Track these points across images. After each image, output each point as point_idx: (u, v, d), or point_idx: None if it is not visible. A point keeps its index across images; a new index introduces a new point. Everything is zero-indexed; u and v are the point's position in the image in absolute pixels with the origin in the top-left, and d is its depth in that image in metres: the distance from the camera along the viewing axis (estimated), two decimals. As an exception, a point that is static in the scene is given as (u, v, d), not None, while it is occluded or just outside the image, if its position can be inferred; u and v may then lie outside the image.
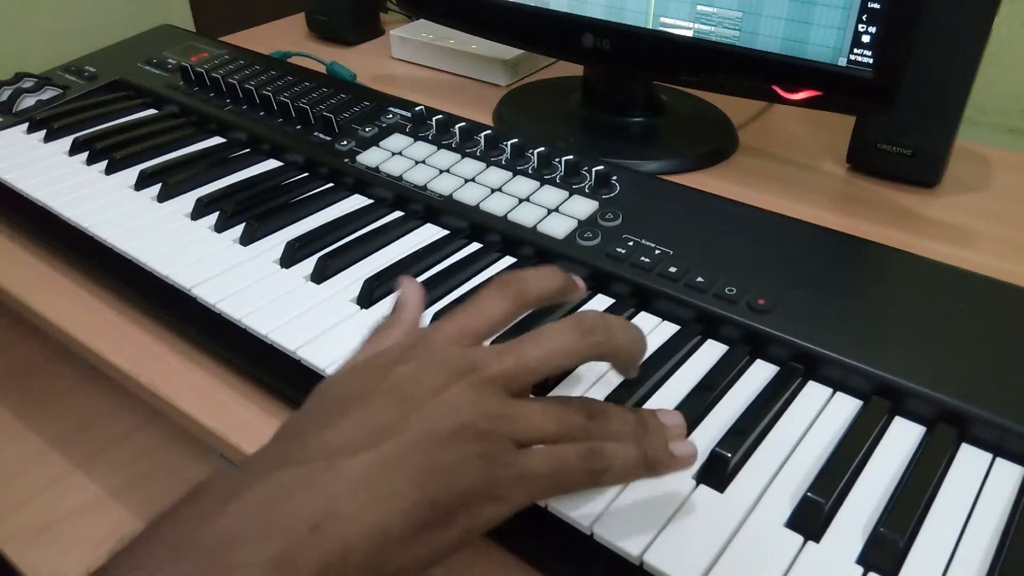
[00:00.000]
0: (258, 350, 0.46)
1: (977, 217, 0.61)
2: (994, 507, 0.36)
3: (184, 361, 0.48)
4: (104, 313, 0.53)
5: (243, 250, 0.54)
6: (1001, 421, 0.38)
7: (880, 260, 0.50)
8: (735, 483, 0.37)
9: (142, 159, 0.64)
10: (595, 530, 0.34)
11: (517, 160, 0.60)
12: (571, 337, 0.34)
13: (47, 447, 0.63)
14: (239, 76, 0.75)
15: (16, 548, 0.55)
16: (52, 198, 0.59)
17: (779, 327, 0.44)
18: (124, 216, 0.57)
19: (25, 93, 0.74)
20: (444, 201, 0.56)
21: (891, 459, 0.38)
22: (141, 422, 0.64)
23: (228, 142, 0.68)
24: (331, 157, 0.62)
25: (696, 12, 0.61)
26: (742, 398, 0.41)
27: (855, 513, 0.35)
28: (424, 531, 0.29)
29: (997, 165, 0.69)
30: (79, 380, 0.68)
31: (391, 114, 0.67)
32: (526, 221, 0.53)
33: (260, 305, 0.48)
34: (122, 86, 0.78)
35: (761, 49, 0.59)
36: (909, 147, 0.63)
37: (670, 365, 0.43)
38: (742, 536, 0.34)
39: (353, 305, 0.48)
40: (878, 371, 0.41)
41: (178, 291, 0.50)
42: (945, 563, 0.33)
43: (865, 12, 0.54)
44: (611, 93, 0.74)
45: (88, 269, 0.55)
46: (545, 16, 0.69)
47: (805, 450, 0.38)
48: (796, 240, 0.51)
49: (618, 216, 0.53)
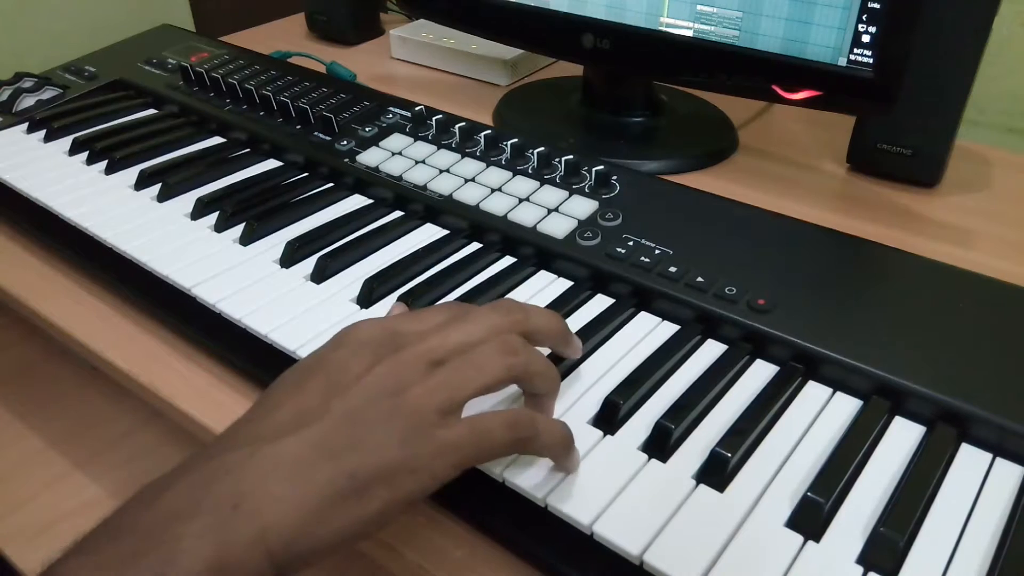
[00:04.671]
0: (258, 350, 0.46)
1: (977, 217, 0.61)
2: (994, 507, 0.36)
3: (184, 361, 0.48)
4: (104, 313, 0.53)
5: (243, 250, 0.54)
6: (1001, 421, 0.38)
7: (880, 260, 0.50)
8: (735, 483, 0.37)
9: (142, 159, 0.64)
10: (595, 529, 0.34)
11: (517, 160, 0.60)
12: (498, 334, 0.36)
13: (47, 447, 0.63)
14: (239, 76, 0.75)
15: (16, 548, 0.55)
16: (52, 198, 0.59)
17: (779, 327, 0.44)
18: (124, 216, 0.57)
19: (25, 93, 0.74)
20: (444, 201, 0.56)
21: (891, 459, 0.38)
22: (141, 422, 0.64)
23: (228, 142, 0.68)
24: (331, 157, 0.62)
25: (696, 12, 0.61)
26: (742, 398, 0.41)
27: (855, 513, 0.35)
28: (342, 503, 0.30)
29: (997, 165, 0.69)
30: (79, 380, 0.68)
31: (391, 114, 0.67)
32: (526, 221, 0.53)
33: (260, 305, 0.48)
34: (122, 86, 0.78)
35: (761, 49, 0.59)
36: (909, 147, 0.63)
37: (670, 365, 0.43)
38: (742, 536, 0.34)
39: (353, 305, 0.48)
40: (878, 371, 0.41)
41: (178, 291, 0.50)
42: (945, 563, 0.33)
43: (865, 12, 0.54)
44: (611, 93, 0.74)
45: (88, 269, 0.55)
46: (545, 16, 0.69)
47: (805, 450, 0.38)
48: (796, 240, 0.51)
49: (618, 216, 0.53)
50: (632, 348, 0.45)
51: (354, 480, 0.30)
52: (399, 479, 0.31)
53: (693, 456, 0.38)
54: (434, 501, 0.38)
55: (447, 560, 0.37)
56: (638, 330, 0.46)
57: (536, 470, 0.37)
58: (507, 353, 0.35)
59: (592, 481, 0.36)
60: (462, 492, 0.37)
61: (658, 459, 0.38)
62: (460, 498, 0.38)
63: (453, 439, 0.32)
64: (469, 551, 0.37)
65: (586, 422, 0.40)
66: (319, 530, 0.30)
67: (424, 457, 0.32)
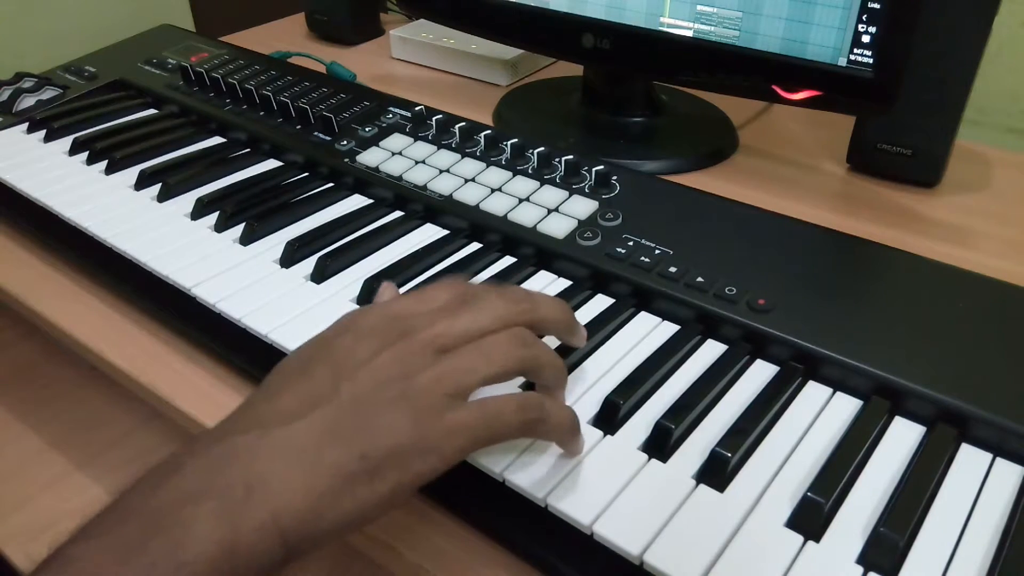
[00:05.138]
0: (258, 350, 0.46)
1: (977, 217, 0.61)
2: (994, 507, 0.36)
3: (184, 361, 0.48)
4: (104, 313, 0.53)
5: (243, 250, 0.54)
6: (1001, 421, 0.38)
7: (880, 260, 0.50)
8: (735, 483, 0.37)
9: (142, 159, 0.64)
10: (595, 529, 0.34)
11: (517, 160, 0.60)
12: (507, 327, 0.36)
13: (47, 447, 0.63)
14: (239, 76, 0.75)
15: (16, 548, 0.55)
16: (52, 198, 0.59)
17: (779, 327, 0.44)
18: (124, 216, 0.57)
19: (25, 93, 0.74)
20: (444, 201, 0.56)
21: (891, 459, 0.38)
22: (141, 422, 0.64)
23: (228, 142, 0.68)
24: (331, 157, 0.62)
25: (696, 12, 0.61)
26: (742, 398, 0.41)
27: (855, 513, 0.35)
28: (352, 484, 0.30)
29: (997, 165, 0.69)
30: (79, 380, 0.67)
31: (391, 114, 0.67)
32: (526, 221, 0.53)
33: (260, 305, 0.48)
34: (122, 86, 0.78)
35: (761, 49, 0.59)
36: (909, 147, 0.63)
37: (670, 365, 0.43)
38: (742, 536, 0.34)
39: (353, 305, 0.48)
40: (878, 371, 0.41)
41: (178, 291, 0.50)
42: (945, 563, 0.33)
43: (865, 12, 0.54)
44: (611, 93, 0.74)
45: (88, 269, 0.55)
46: (545, 16, 0.69)
47: (805, 450, 0.38)
48: (796, 240, 0.51)
49: (618, 216, 0.53)
50: (632, 348, 0.45)
51: (365, 462, 0.30)
52: (410, 460, 0.31)
53: (693, 456, 0.38)
54: (435, 501, 0.38)
55: (447, 560, 0.37)
56: (638, 330, 0.46)
57: (536, 470, 0.37)
58: (518, 345, 0.35)
59: (592, 481, 0.36)
60: (462, 492, 0.38)
61: (658, 459, 0.38)
62: (460, 498, 0.38)
63: (463, 420, 0.32)
64: (469, 551, 0.37)
65: (586, 422, 0.40)
66: (330, 512, 0.30)
67: (434, 438, 0.32)
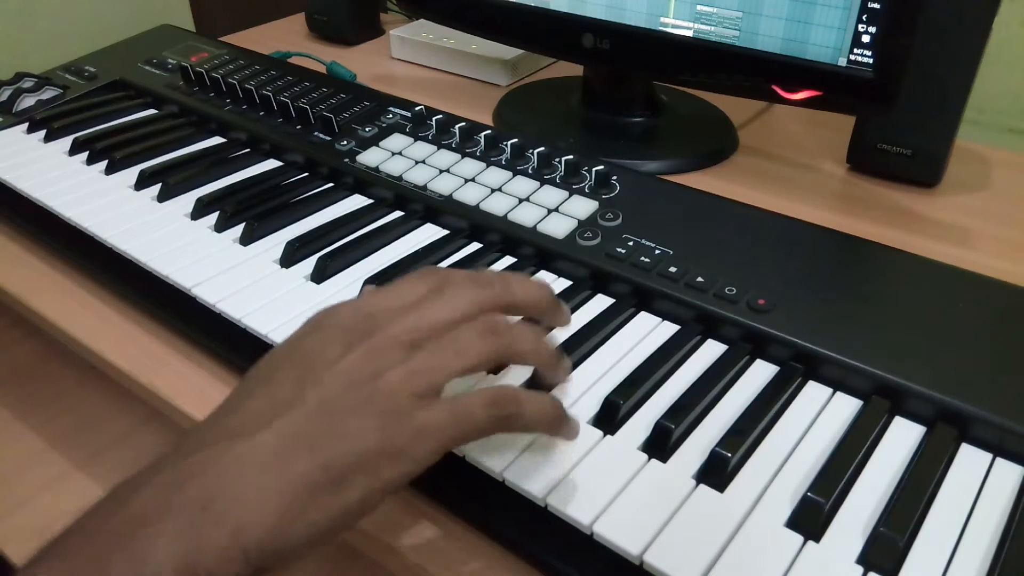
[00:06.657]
0: (258, 350, 0.46)
1: (977, 217, 0.61)
2: (994, 507, 0.36)
3: (184, 361, 0.48)
4: (104, 313, 0.53)
5: (243, 250, 0.54)
6: (1001, 421, 0.38)
7: (880, 260, 0.50)
8: (735, 483, 0.37)
9: (142, 159, 0.64)
10: (595, 529, 0.34)
11: (517, 160, 0.60)
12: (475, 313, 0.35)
13: (47, 447, 0.63)
14: (239, 76, 0.75)
15: (16, 548, 0.55)
16: (52, 198, 0.59)
17: (779, 327, 0.44)
18: (124, 216, 0.57)
19: (25, 93, 0.74)
20: (444, 201, 0.56)
21: (891, 459, 0.38)
22: (141, 422, 0.64)
23: (228, 142, 0.68)
24: (331, 157, 0.62)
25: (696, 12, 0.61)
26: (742, 398, 0.41)
27: (855, 513, 0.35)
28: (318, 496, 0.29)
29: (997, 165, 0.69)
30: (79, 380, 0.68)
31: (391, 114, 0.67)
32: (526, 221, 0.53)
33: (260, 305, 0.48)
34: (122, 86, 0.78)
35: (761, 49, 0.59)
36: (909, 147, 0.63)
37: (670, 365, 0.43)
38: (742, 536, 0.34)
39: (353, 305, 0.48)
40: (878, 371, 0.41)
41: (178, 291, 0.50)
42: (945, 563, 0.33)
43: (865, 12, 0.54)
44: (611, 93, 0.74)
45: (88, 269, 0.55)
46: (545, 16, 0.69)
47: (805, 450, 0.38)
48: (796, 240, 0.51)
49: (618, 216, 0.53)
50: (632, 348, 0.45)
51: (328, 471, 0.29)
52: (378, 466, 0.30)
53: (693, 456, 0.38)
54: (435, 501, 0.38)
55: (447, 560, 0.37)
56: (638, 330, 0.46)
57: (537, 469, 0.37)
58: (488, 333, 0.34)
59: (592, 481, 0.36)
60: (462, 492, 0.38)
61: (658, 459, 0.38)
62: (460, 498, 0.38)
63: (432, 422, 0.31)
64: (469, 551, 0.37)
65: (586, 422, 0.40)
66: (295, 526, 0.29)
67: (402, 442, 0.30)
